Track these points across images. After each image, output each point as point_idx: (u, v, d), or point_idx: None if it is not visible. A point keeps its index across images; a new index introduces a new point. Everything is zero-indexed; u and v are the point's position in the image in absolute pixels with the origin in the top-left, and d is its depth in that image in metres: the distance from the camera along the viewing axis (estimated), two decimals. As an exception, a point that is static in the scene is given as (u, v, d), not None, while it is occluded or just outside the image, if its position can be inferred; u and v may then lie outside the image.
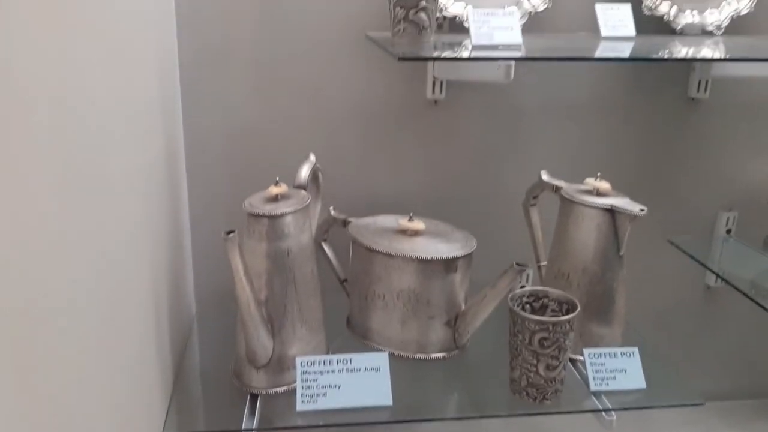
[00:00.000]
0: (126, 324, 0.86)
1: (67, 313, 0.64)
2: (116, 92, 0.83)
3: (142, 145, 0.99)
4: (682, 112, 1.44)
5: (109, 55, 0.81)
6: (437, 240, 1.20)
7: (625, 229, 1.15)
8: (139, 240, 0.94)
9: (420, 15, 1.05)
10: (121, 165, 0.85)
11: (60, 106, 0.62)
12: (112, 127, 0.81)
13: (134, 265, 0.91)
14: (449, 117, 1.38)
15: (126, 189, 0.87)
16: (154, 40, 1.09)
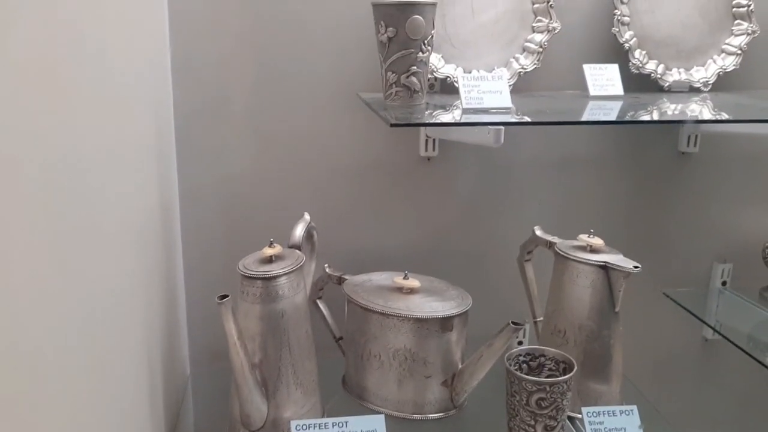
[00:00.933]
0: (118, 385, 0.85)
1: (57, 372, 0.63)
2: (110, 147, 0.84)
3: (136, 202, 0.99)
4: (673, 166, 1.46)
5: (103, 109, 0.81)
6: (433, 298, 1.19)
7: (620, 286, 1.15)
8: (132, 299, 0.94)
9: (411, 79, 1.07)
10: (114, 222, 0.85)
11: (52, 161, 0.62)
12: (105, 183, 0.81)
13: (126, 325, 0.90)
14: (442, 174, 1.39)
15: (119, 246, 0.87)
16: (149, 97, 1.11)
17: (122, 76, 0.92)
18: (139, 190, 1.02)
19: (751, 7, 1.33)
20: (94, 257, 0.75)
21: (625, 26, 1.31)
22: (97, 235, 0.77)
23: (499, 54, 1.30)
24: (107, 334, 0.80)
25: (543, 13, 1.29)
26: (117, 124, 0.88)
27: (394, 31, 1.05)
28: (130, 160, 0.96)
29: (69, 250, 0.66)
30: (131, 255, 0.94)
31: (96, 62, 0.78)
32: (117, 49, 0.89)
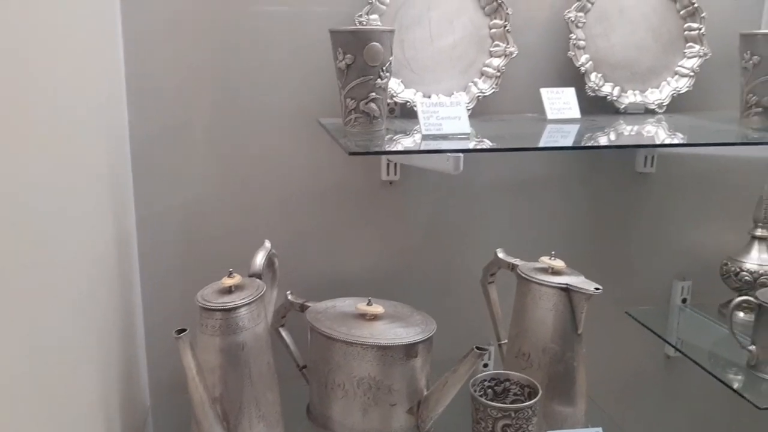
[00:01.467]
0: (70, 417, 0.82)
1: (9, 410, 0.60)
2: (59, 179, 0.81)
3: (89, 233, 0.96)
4: (631, 185, 1.48)
5: (51, 140, 0.79)
6: (397, 324, 1.18)
7: (582, 308, 1.16)
8: (85, 333, 0.91)
9: (370, 105, 1.07)
10: (65, 255, 0.82)
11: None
12: (55, 214, 0.78)
13: (78, 358, 0.87)
14: (404, 197, 1.39)
15: (70, 280, 0.85)
16: (102, 126, 1.08)
17: (72, 106, 0.90)
18: (92, 221, 0.99)
19: (702, 30, 1.36)
20: (44, 292, 0.73)
21: (580, 50, 1.32)
22: (46, 269, 0.74)
23: (457, 78, 1.30)
24: (57, 368, 0.77)
25: (500, 37, 1.30)
26: (67, 155, 0.86)
27: (352, 58, 1.04)
28: (82, 191, 0.94)
29: (16, 285, 0.64)
30: (84, 287, 0.91)
31: (44, 92, 0.76)
32: (66, 78, 0.87)
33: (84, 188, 0.95)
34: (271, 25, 1.27)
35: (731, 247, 1.46)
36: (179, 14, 1.24)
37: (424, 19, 1.27)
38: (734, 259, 1.43)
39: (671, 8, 1.37)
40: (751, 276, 1.40)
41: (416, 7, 1.27)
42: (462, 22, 1.29)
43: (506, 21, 1.29)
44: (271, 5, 1.27)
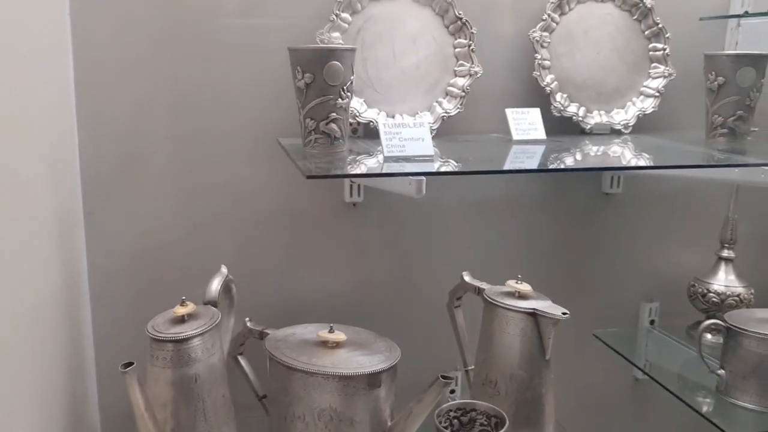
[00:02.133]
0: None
1: None
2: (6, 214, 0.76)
3: (35, 273, 0.91)
4: (598, 206, 1.46)
5: None
6: (359, 352, 1.14)
7: (549, 333, 1.13)
8: (29, 369, 0.85)
9: (331, 126, 1.03)
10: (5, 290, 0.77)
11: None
12: None
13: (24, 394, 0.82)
14: (368, 219, 1.35)
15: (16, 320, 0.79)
16: (50, 158, 1.03)
17: (19, 145, 0.85)
18: (37, 261, 0.94)
19: (666, 51, 1.36)
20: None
21: (546, 70, 1.31)
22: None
23: (422, 98, 1.28)
24: None
25: (465, 57, 1.27)
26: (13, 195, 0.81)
27: (311, 77, 1.01)
28: (26, 224, 0.88)
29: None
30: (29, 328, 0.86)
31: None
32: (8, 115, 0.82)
33: (30, 222, 0.90)
34: (228, 44, 1.24)
35: (698, 268, 1.45)
36: (131, 40, 1.20)
37: (388, 38, 1.25)
38: (701, 280, 1.42)
39: (636, 28, 1.36)
40: (718, 297, 1.38)
41: (379, 26, 1.24)
42: (426, 41, 1.26)
43: (471, 40, 1.26)
44: (229, 22, 1.23)
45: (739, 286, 1.39)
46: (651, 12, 1.35)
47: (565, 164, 1.17)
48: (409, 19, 1.26)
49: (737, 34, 1.40)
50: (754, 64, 1.17)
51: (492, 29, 1.31)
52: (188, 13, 1.21)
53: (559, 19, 1.32)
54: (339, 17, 1.22)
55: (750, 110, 1.19)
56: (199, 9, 1.21)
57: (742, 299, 1.38)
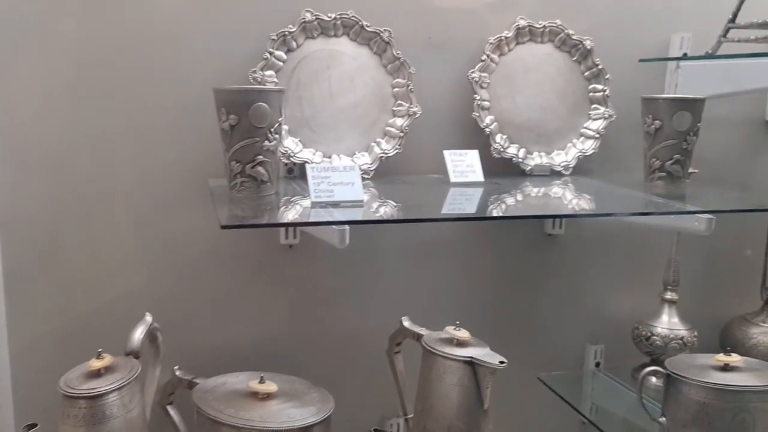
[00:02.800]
0: None
1: None
2: None
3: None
4: (541, 248, 1.45)
5: None
6: (291, 404, 1.09)
7: (487, 383, 1.09)
8: None
9: (257, 169, 0.99)
10: None
11: None
12: None
13: None
14: (305, 262, 1.31)
15: None
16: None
17: None
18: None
19: (606, 92, 1.35)
20: None
21: (485, 110, 1.29)
22: None
23: (360, 138, 1.25)
24: None
25: (403, 97, 1.25)
26: None
27: (236, 119, 0.97)
28: None
29: None
30: None
31: None
32: None
33: None
34: (155, 82, 1.20)
35: (643, 310, 1.43)
36: (50, 82, 1.16)
37: (324, 77, 1.22)
38: (645, 323, 1.40)
39: (576, 69, 1.36)
40: (662, 341, 1.37)
41: (315, 64, 1.22)
42: (363, 80, 1.24)
43: (409, 80, 1.24)
44: (159, 62, 1.19)
45: (683, 328, 1.38)
46: (590, 53, 1.35)
47: (505, 205, 1.15)
48: (346, 58, 1.23)
49: (677, 76, 1.41)
50: (690, 108, 1.17)
51: (431, 69, 1.29)
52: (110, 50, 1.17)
53: (499, 59, 1.31)
54: (273, 55, 1.19)
55: (687, 154, 1.19)
56: (122, 46, 1.17)
57: (686, 342, 1.37)
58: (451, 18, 1.31)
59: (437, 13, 1.31)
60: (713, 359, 1.17)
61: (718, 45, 1.34)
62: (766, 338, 1.43)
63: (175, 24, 1.19)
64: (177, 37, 1.20)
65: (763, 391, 1.10)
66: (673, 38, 1.41)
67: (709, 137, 1.44)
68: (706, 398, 1.11)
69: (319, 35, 1.22)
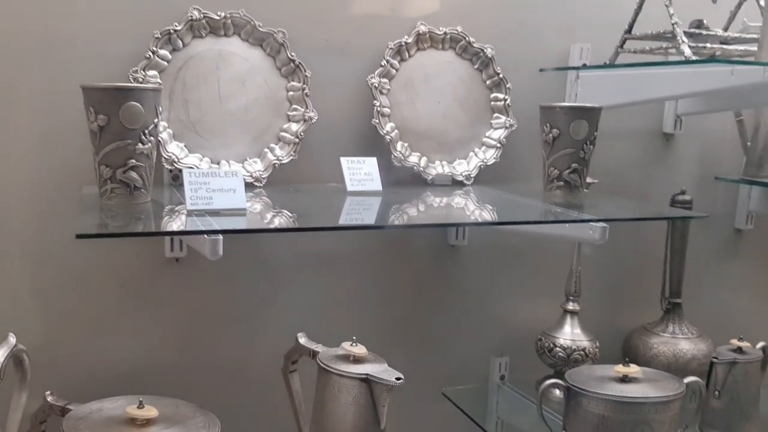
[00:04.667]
0: None
1: None
2: None
3: None
4: (444, 259, 1.41)
5: None
6: (173, 429, 1.00)
7: (384, 401, 1.04)
8: None
9: (130, 174, 0.91)
10: None
11: None
12: None
13: None
14: (192, 276, 1.22)
15: None
16: None
17: None
18: None
19: (508, 101, 1.34)
20: None
21: (385, 117, 1.25)
22: None
23: (251, 144, 1.18)
24: None
25: (298, 101, 1.19)
26: None
27: (105, 119, 0.89)
28: None
29: None
30: None
31: None
32: None
33: None
34: (28, 86, 1.10)
35: (547, 321, 1.42)
36: None
37: (213, 78, 1.15)
38: (548, 334, 1.39)
39: (477, 78, 1.34)
40: (565, 352, 1.35)
41: (203, 65, 1.14)
42: (256, 83, 1.17)
43: (305, 84, 1.19)
44: (31, 64, 1.09)
45: (585, 339, 1.37)
46: (492, 62, 1.33)
47: (406, 216, 1.11)
48: (237, 59, 1.16)
49: (576, 86, 1.41)
50: (586, 116, 1.16)
51: (329, 73, 1.24)
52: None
53: (399, 65, 1.27)
54: (156, 54, 1.11)
55: (584, 163, 1.18)
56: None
57: (588, 353, 1.36)
58: (351, 21, 1.27)
59: (336, 15, 1.26)
60: (612, 371, 1.16)
61: (615, 55, 1.35)
62: (666, 348, 1.44)
63: (48, 21, 1.10)
64: (50, 37, 1.10)
65: (661, 402, 1.09)
66: (573, 48, 1.41)
67: (608, 149, 1.46)
68: (605, 411, 1.09)
69: (207, 34, 1.15)
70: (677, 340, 1.45)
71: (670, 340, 1.45)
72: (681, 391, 1.12)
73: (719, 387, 1.25)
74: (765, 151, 1.50)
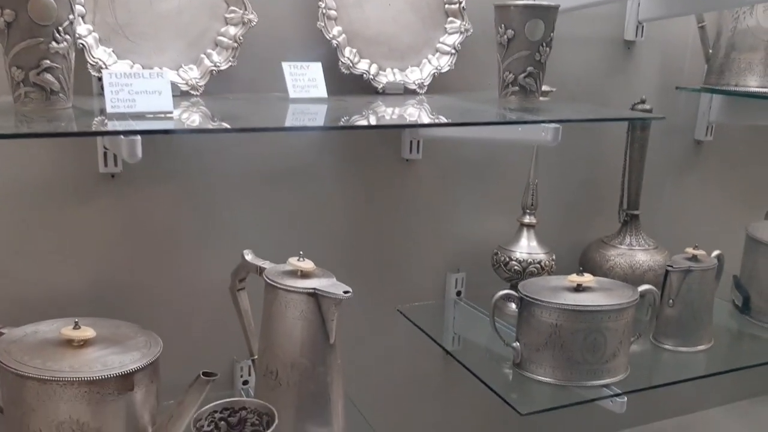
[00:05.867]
0: None
1: None
2: None
3: None
4: (398, 174, 1.36)
5: None
6: (112, 350, 0.96)
7: (332, 315, 1.01)
8: None
9: (45, 76, 0.83)
10: None
11: None
12: None
13: None
14: (130, 193, 1.16)
15: None
16: None
17: None
18: None
19: (462, 4, 1.26)
20: None
21: (332, 21, 1.17)
22: None
23: (186, 49, 1.10)
24: None
25: (236, 2, 1.11)
26: None
27: (12, 14, 0.80)
28: None
29: None
30: None
31: None
32: None
33: None
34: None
35: (503, 236, 1.39)
36: None
37: (141, -22, 1.05)
38: (504, 248, 1.36)
39: (430, -21, 1.26)
40: (520, 265, 1.33)
41: (130, -38, 1.05)
42: (189, -18, 1.08)
43: (243, -18, 1.10)
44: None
45: (541, 252, 1.35)
46: (446, -39, 1.25)
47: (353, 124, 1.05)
48: (168, -44, 1.07)
49: (535, -11, 1.34)
50: (543, 16, 1.09)
51: (269, -29, 1.15)
52: None
53: (346, -37, 1.19)
54: (75, -50, 1.01)
55: (540, 66, 1.12)
56: None
57: (544, 266, 1.34)
58: None
59: None
60: (566, 280, 1.14)
61: (575, -46, 1.28)
62: (622, 260, 1.43)
63: None
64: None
65: (614, 310, 1.08)
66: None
67: (567, 56, 1.40)
68: (557, 320, 1.08)
69: (134, -76, 1.05)
70: (634, 252, 1.43)
71: (626, 252, 1.44)
72: (634, 299, 1.11)
73: (673, 295, 1.24)
74: (726, 59, 1.46)
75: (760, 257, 1.37)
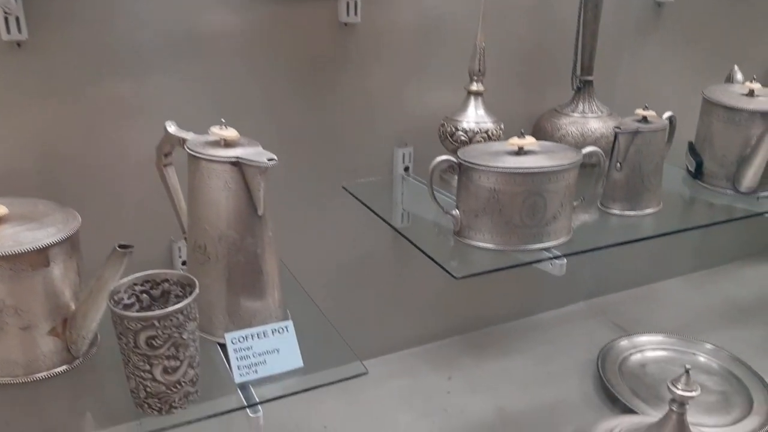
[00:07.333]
0: None
1: None
2: None
3: None
4: (336, 39, 1.27)
5: None
6: (27, 226, 0.93)
7: (258, 184, 0.95)
8: None
9: None
10: None
11: None
12: None
13: None
14: (41, 63, 1.07)
15: None
16: None
17: None
18: None
19: None
20: None
21: None
22: None
23: None
24: None
25: None
26: None
27: None
28: None
29: None
30: None
31: None
32: None
33: None
34: None
35: (451, 107, 1.33)
36: None
37: None
38: (451, 118, 1.30)
39: None
40: (467, 135, 1.28)
41: None
42: None
43: None
44: None
45: (489, 121, 1.29)
46: None
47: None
48: None
49: None
50: None
51: None
52: None
53: None
54: None
55: None
56: None
57: (491, 136, 1.28)
58: None
59: None
60: (507, 144, 1.09)
61: None
62: (574, 128, 1.38)
63: None
64: None
65: (553, 171, 1.04)
66: None
67: None
68: (495, 184, 1.04)
69: None
70: (586, 119, 1.38)
71: (579, 119, 1.38)
72: (575, 161, 1.06)
73: (621, 158, 1.20)
74: None
75: (714, 120, 1.31)
